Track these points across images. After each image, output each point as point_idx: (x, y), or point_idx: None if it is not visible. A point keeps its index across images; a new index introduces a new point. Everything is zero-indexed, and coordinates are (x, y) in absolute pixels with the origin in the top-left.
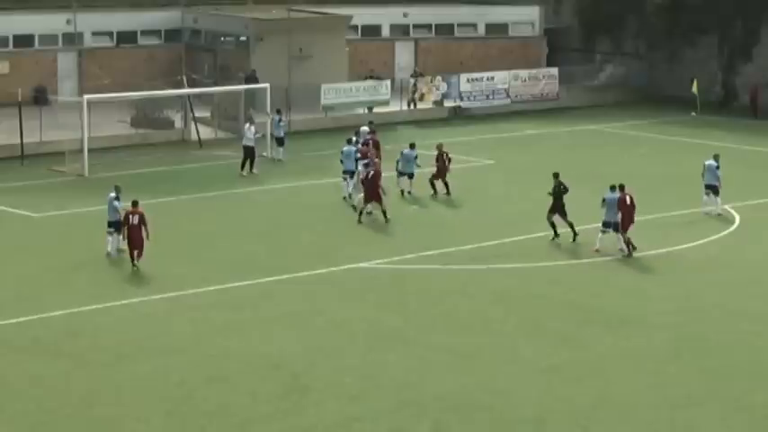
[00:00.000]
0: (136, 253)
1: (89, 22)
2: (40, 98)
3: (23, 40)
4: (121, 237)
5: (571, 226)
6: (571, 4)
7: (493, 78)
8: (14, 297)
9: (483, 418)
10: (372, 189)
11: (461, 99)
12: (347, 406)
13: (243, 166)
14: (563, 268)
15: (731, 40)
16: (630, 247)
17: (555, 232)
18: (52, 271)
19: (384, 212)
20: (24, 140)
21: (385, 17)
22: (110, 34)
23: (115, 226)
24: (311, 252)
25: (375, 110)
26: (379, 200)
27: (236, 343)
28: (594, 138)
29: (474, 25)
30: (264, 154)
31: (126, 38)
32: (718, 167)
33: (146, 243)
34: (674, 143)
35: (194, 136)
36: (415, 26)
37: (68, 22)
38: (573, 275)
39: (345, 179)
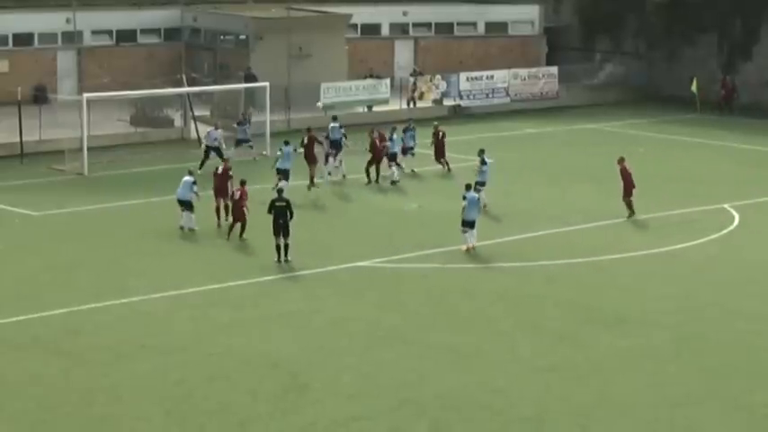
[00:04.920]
0: (239, 226)
1: (89, 21)
2: (40, 97)
3: (23, 39)
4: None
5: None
6: (571, 2)
7: (492, 77)
8: (14, 295)
9: (482, 417)
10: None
11: (461, 98)
12: (346, 405)
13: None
14: (562, 267)
15: (731, 38)
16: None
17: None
18: (52, 269)
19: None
20: (24, 139)
21: (384, 16)
22: (109, 33)
23: (185, 205)
24: (310, 251)
25: (375, 108)
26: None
27: (236, 342)
28: (594, 137)
29: (474, 24)
30: (264, 153)
31: (125, 36)
32: (484, 163)
33: (247, 216)
34: (673, 142)
35: (194, 135)
36: (415, 25)
37: (68, 20)
38: (572, 275)
39: (280, 178)
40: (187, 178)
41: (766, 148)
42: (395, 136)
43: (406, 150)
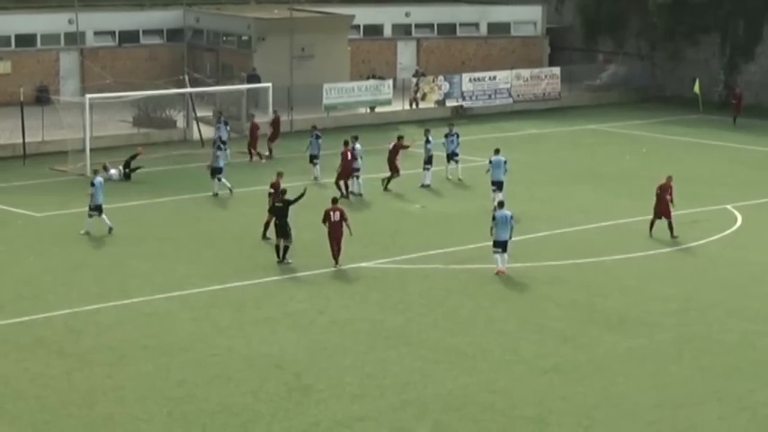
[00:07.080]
0: (336, 248)
1: (91, 22)
2: (43, 98)
3: (25, 40)
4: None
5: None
6: (573, 3)
7: (495, 78)
8: (17, 296)
9: (485, 417)
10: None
11: (463, 99)
12: (349, 405)
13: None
14: (565, 268)
15: (733, 39)
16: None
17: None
18: (54, 270)
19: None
20: (26, 140)
21: (387, 16)
22: (112, 34)
23: (100, 209)
24: (313, 251)
25: (377, 109)
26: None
27: (238, 342)
28: (596, 137)
29: (476, 25)
30: (267, 154)
31: (128, 37)
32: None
33: (344, 237)
34: (675, 143)
35: (196, 135)
36: (417, 26)
37: (70, 21)
38: (574, 275)
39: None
40: (101, 179)
41: (767, 148)
42: (431, 138)
43: (450, 156)
